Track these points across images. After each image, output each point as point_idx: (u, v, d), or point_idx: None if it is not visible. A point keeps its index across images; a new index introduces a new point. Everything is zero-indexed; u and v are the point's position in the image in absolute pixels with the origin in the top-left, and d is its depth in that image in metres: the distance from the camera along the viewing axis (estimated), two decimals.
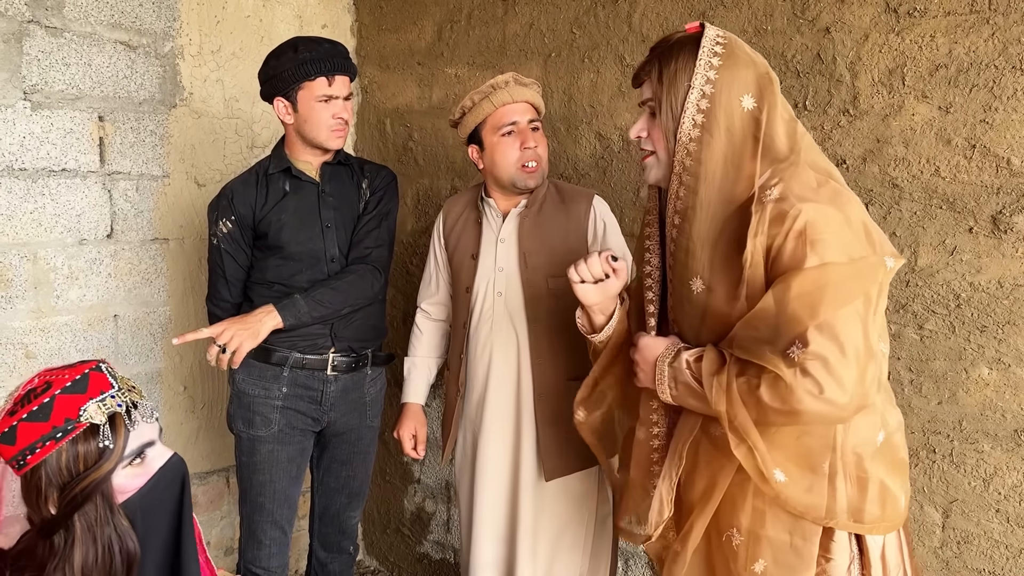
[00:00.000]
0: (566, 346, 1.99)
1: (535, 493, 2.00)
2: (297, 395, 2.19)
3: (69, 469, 1.14)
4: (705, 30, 1.36)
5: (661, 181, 1.41)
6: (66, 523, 1.14)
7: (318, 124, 2.10)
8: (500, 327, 2.02)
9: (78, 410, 1.15)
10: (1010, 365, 1.71)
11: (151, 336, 2.64)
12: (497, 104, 1.96)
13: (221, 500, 2.88)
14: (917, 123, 1.78)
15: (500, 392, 2.03)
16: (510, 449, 2.03)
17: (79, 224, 2.45)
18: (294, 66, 2.06)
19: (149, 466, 1.22)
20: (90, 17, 2.41)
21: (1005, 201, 1.69)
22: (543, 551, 2.01)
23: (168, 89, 2.61)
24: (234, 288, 2.23)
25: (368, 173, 2.28)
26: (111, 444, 1.16)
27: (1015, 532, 1.73)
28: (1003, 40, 1.67)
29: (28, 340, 2.37)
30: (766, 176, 1.33)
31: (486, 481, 2.05)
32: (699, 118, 1.31)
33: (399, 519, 3.19)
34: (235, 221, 2.16)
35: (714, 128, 1.30)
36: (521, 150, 1.97)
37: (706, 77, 1.30)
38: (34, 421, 1.14)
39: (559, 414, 1.98)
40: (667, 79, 1.33)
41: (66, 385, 1.16)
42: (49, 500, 1.14)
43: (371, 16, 3.04)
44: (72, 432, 1.14)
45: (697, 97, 1.31)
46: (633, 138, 1.42)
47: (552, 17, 2.45)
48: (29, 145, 2.32)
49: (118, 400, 1.19)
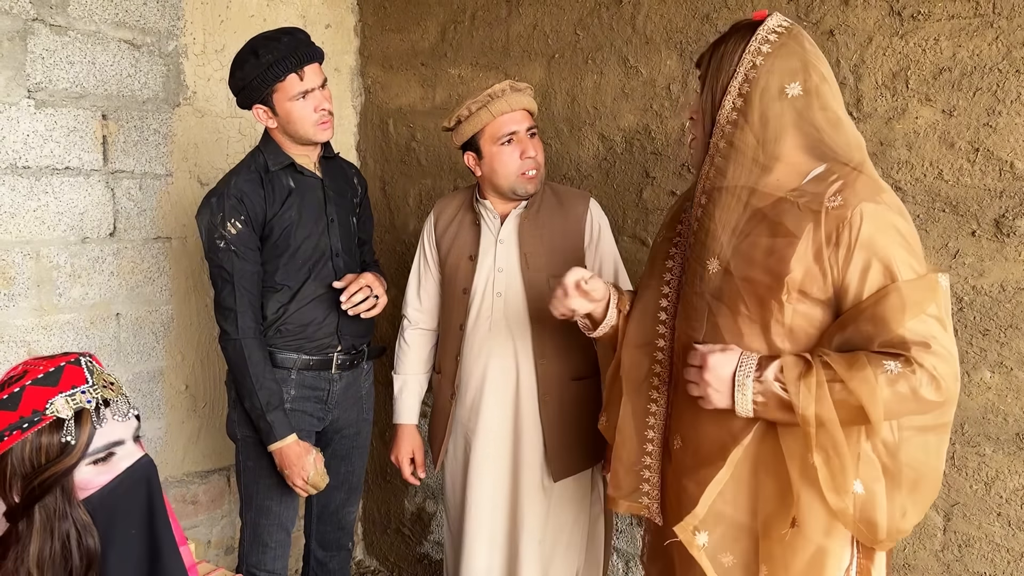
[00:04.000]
0: (569, 346, 1.99)
1: (540, 496, 1.99)
2: (304, 396, 2.18)
3: (32, 460, 1.14)
4: (768, 18, 1.34)
5: (700, 163, 1.40)
6: (26, 513, 1.15)
7: (302, 121, 2.05)
8: (499, 328, 2.01)
9: (45, 403, 1.15)
10: (1012, 369, 1.71)
11: (153, 335, 2.65)
12: (496, 113, 1.95)
13: (222, 499, 2.88)
14: (920, 126, 1.78)
15: (497, 394, 2.01)
16: (508, 452, 2.02)
17: (82, 222, 2.45)
18: (260, 72, 1.99)
19: (115, 465, 1.20)
20: (94, 15, 2.41)
21: (1008, 204, 1.69)
22: (548, 554, 2.01)
23: (172, 88, 2.61)
24: (252, 296, 2.07)
25: (350, 167, 2.31)
26: (73, 440, 1.15)
27: (1016, 536, 1.73)
28: (1007, 44, 1.67)
29: (30, 338, 2.37)
30: (820, 171, 1.31)
31: (483, 486, 2.03)
32: (739, 102, 1.30)
33: (399, 519, 3.19)
34: (245, 221, 2.04)
35: (750, 113, 1.30)
36: (522, 159, 1.97)
37: (752, 63, 1.30)
38: (4, 409, 1.15)
39: (564, 414, 1.98)
40: (715, 62, 1.33)
41: (38, 376, 1.17)
42: (14, 489, 1.16)
43: (375, 16, 3.04)
44: (38, 424, 1.14)
45: (740, 81, 1.30)
46: (685, 120, 1.41)
47: (556, 18, 2.46)
48: (33, 143, 2.32)
49: (88, 396, 1.18)
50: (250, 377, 2.05)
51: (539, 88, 2.49)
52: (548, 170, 2.46)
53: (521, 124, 1.98)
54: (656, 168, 2.26)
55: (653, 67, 2.24)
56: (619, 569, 2.46)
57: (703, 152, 1.37)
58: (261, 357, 2.07)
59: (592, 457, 2.03)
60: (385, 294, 2.16)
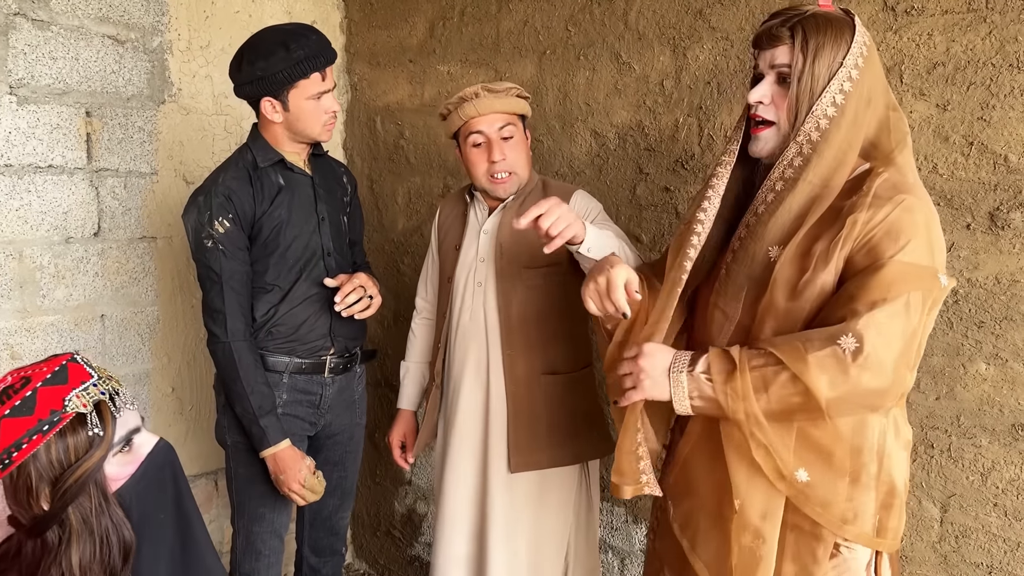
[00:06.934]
0: (542, 340, 1.98)
1: (506, 488, 1.98)
2: (297, 400, 2.14)
3: (60, 461, 1.12)
4: (854, 17, 1.37)
5: (774, 152, 1.39)
6: (59, 518, 1.12)
7: (312, 121, 2.02)
8: (477, 318, 2.01)
9: (62, 401, 1.13)
10: (1007, 360, 1.72)
11: (139, 336, 2.60)
12: (464, 117, 1.94)
13: (210, 503, 2.84)
14: (915, 120, 1.79)
15: (472, 384, 2.02)
16: (479, 442, 2.01)
17: (66, 222, 2.40)
18: (288, 66, 1.93)
19: (137, 452, 1.21)
20: (77, 10, 2.37)
21: (1002, 198, 1.70)
22: (524, 550, 1.99)
23: (156, 85, 2.57)
24: (241, 297, 2.02)
25: (339, 166, 2.29)
26: (100, 432, 1.14)
27: (1013, 526, 1.75)
28: (1000, 38, 1.68)
29: (13, 341, 2.32)
30: (865, 168, 1.36)
31: (456, 475, 2.04)
32: (839, 98, 1.32)
33: (389, 521, 3.17)
34: (233, 220, 1.99)
35: (848, 111, 1.32)
36: (488, 163, 1.95)
37: (855, 62, 1.32)
38: (17, 416, 1.11)
39: (531, 408, 1.96)
40: (813, 49, 1.32)
41: (47, 378, 1.14)
42: (41, 496, 1.12)
43: (361, 12, 3.01)
44: (59, 424, 1.12)
45: (844, 77, 1.31)
46: (752, 102, 1.38)
47: (547, 14, 2.45)
48: (15, 141, 2.27)
49: (100, 388, 1.17)
50: (241, 381, 2.00)
51: (530, 85, 2.48)
52: (540, 167, 2.45)
53: (490, 126, 1.94)
54: (649, 164, 2.26)
55: (646, 63, 2.23)
56: (615, 567, 2.46)
57: (783, 141, 1.37)
58: (252, 360, 2.03)
59: (570, 456, 2.00)
60: (379, 294, 2.13)
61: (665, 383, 1.37)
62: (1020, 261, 1.70)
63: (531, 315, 1.97)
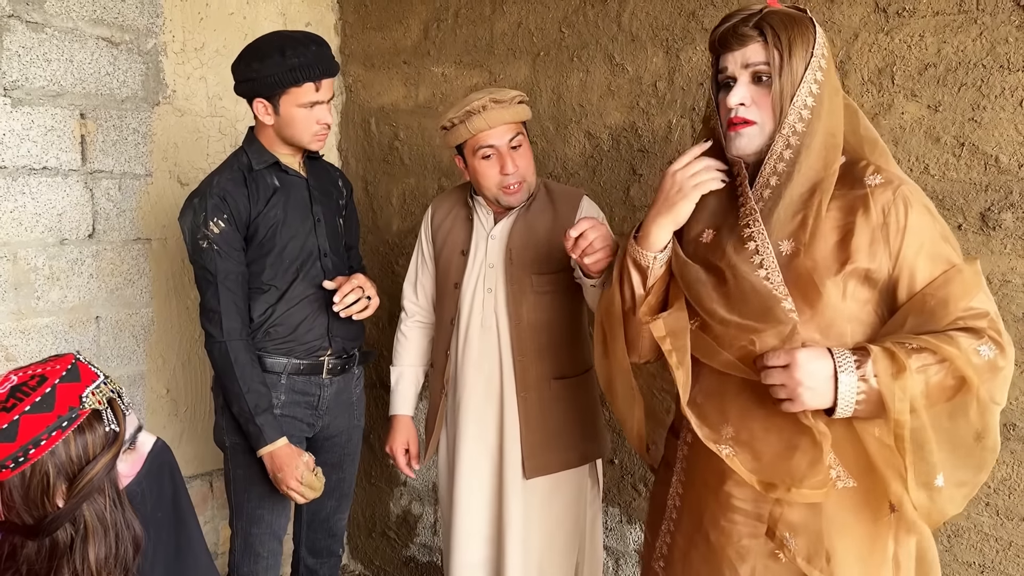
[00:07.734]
0: (551, 345, 1.99)
1: (523, 492, 1.99)
2: (295, 402, 2.14)
3: (80, 457, 1.12)
4: (806, 10, 1.40)
5: (760, 150, 1.39)
6: (72, 516, 1.12)
7: (302, 130, 2.03)
8: (488, 324, 2.01)
9: (79, 398, 1.14)
10: None
11: (133, 338, 2.60)
12: (473, 131, 1.92)
13: (205, 505, 2.84)
14: (907, 121, 1.80)
15: (483, 389, 2.01)
16: (493, 448, 2.02)
17: (60, 223, 2.40)
18: (281, 72, 1.94)
19: (140, 452, 1.22)
20: (72, 12, 2.37)
21: (993, 198, 1.71)
22: (535, 551, 2.00)
23: (151, 87, 2.57)
24: (237, 297, 2.02)
25: (334, 169, 2.29)
26: (116, 427, 1.16)
27: (1004, 525, 1.75)
28: (991, 40, 1.69)
29: (8, 342, 2.32)
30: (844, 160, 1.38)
31: (469, 481, 2.03)
32: (815, 88, 1.34)
33: (385, 522, 3.17)
34: (228, 220, 2.00)
35: (824, 100, 1.35)
36: (501, 174, 1.94)
37: (822, 52, 1.35)
38: (38, 412, 1.11)
39: (541, 413, 1.97)
40: (787, 44, 1.34)
41: (63, 375, 1.15)
42: (57, 493, 1.12)
43: (355, 14, 3.02)
44: (77, 420, 1.13)
45: (816, 67, 1.34)
46: (734, 105, 1.38)
47: (541, 16, 2.45)
48: (9, 143, 2.27)
49: (110, 387, 1.19)
50: (237, 380, 2.01)
51: (524, 86, 2.48)
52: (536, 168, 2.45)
53: (502, 139, 1.93)
54: (643, 165, 2.27)
55: (639, 64, 2.24)
56: (609, 567, 2.46)
57: (768, 139, 1.38)
58: (248, 359, 2.03)
59: (578, 457, 2.03)
60: (377, 295, 2.14)
61: (828, 392, 1.28)
62: (1011, 261, 1.71)
63: (541, 320, 1.98)
